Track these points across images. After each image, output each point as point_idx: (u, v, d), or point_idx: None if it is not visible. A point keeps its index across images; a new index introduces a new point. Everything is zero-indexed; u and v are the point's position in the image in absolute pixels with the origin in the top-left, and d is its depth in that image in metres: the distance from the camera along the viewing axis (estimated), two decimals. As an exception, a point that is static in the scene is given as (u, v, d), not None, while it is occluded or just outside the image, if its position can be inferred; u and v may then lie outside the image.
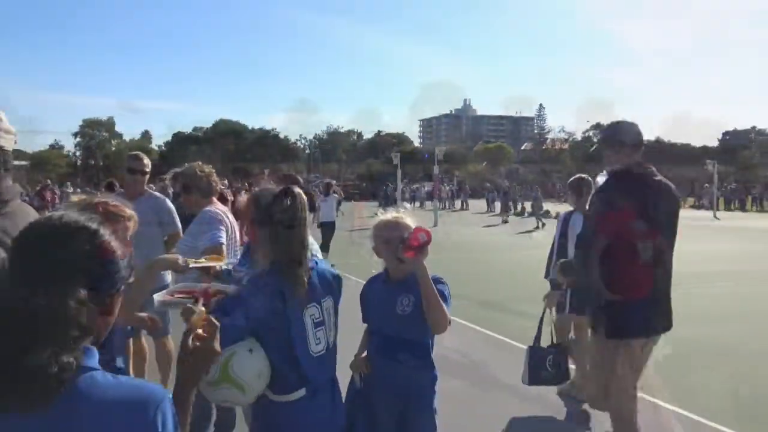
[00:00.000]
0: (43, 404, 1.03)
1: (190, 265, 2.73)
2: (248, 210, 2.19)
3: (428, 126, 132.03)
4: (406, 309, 2.47)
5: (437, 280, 2.46)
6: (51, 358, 1.03)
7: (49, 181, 30.77)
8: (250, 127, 79.50)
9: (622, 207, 3.18)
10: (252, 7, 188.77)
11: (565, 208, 5.68)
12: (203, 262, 2.69)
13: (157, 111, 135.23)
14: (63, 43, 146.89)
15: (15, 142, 1.70)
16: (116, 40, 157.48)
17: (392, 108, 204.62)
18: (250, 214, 2.18)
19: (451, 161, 61.23)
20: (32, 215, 1.68)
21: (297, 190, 2.13)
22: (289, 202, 2.08)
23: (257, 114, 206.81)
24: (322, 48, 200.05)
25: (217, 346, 1.45)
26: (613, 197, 3.22)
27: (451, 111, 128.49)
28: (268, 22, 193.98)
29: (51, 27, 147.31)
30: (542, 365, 4.23)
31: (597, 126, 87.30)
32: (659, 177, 3.30)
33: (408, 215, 2.61)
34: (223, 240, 3.60)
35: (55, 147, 71.38)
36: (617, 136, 3.36)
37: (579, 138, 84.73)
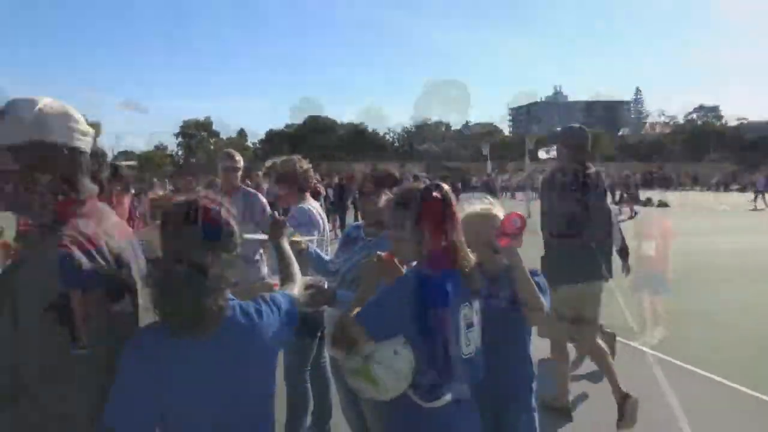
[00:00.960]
0: (213, 331, 1.57)
1: (291, 239, 2.89)
2: (397, 206, 2.12)
3: (518, 114, 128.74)
4: (500, 304, 2.34)
5: (533, 273, 2.33)
6: (215, 302, 1.54)
7: (155, 179, 32.50)
8: (339, 122, 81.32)
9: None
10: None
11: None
12: (297, 237, 3.01)
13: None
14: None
15: (94, 143, 1.68)
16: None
17: (483, 97, 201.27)
18: (398, 208, 2.10)
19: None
20: (107, 214, 1.72)
21: (444, 184, 2.14)
22: (442, 196, 2.05)
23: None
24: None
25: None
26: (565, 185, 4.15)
27: (541, 98, 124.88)
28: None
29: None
30: None
31: (700, 108, 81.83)
32: (593, 169, 4.27)
33: (495, 205, 2.49)
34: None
35: (160, 148, 75.88)
36: (569, 138, 4.35)
37: (681, 121, 79.83)
